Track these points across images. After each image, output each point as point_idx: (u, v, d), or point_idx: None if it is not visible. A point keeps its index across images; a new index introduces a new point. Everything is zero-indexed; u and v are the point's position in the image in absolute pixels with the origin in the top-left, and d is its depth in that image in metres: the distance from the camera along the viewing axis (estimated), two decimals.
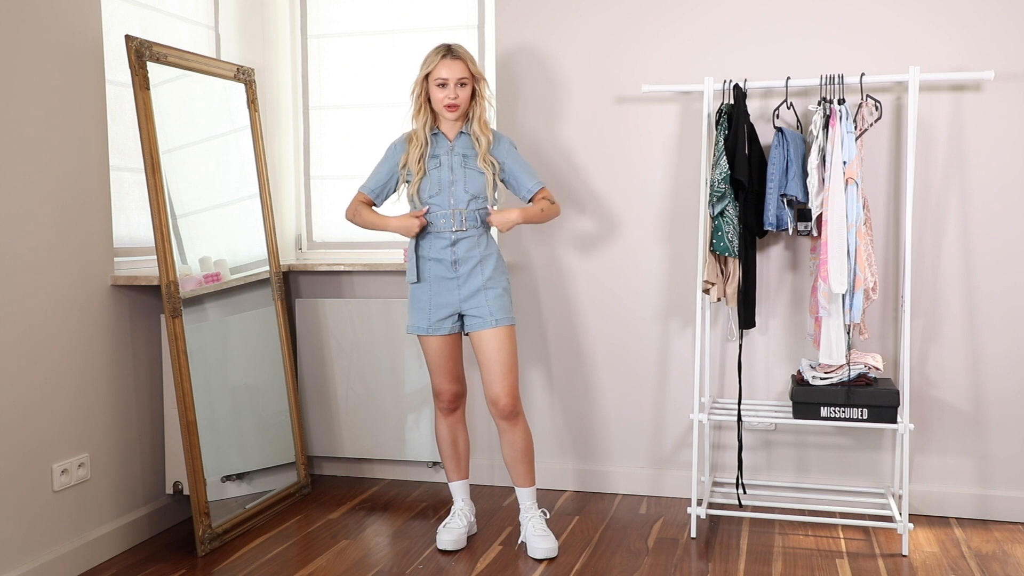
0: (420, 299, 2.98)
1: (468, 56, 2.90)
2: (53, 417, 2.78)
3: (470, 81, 2.89)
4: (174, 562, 2.94)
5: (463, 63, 2.87)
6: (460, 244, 2.92)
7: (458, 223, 2.92)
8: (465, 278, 2.93)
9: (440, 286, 2.95)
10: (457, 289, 2.94)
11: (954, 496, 3.27)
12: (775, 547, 3.00)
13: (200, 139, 3.38)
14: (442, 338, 2.99)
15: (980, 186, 3.18)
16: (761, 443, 3.45)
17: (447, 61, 2.86)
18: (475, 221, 2.93)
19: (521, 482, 3.01)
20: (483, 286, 2.93)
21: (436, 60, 2.87)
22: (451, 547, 3.00)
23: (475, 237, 2.93)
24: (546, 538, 2.95)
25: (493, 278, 2.95)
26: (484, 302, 2.92)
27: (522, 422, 2.99)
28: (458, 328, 2.99)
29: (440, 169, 2.93)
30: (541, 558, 2.92)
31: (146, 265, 3.23)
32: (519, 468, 3.00)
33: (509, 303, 2.97)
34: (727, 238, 3.01)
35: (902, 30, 3.19)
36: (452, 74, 2.85)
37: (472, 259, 2.93)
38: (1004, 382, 3.21)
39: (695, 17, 3.38)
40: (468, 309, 2.94)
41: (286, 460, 3.58)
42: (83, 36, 2.89)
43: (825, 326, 2.98)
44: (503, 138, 3.01)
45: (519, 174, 2.99)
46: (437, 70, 2.86)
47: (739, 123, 3.04)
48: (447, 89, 2.86)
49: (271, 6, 3.80)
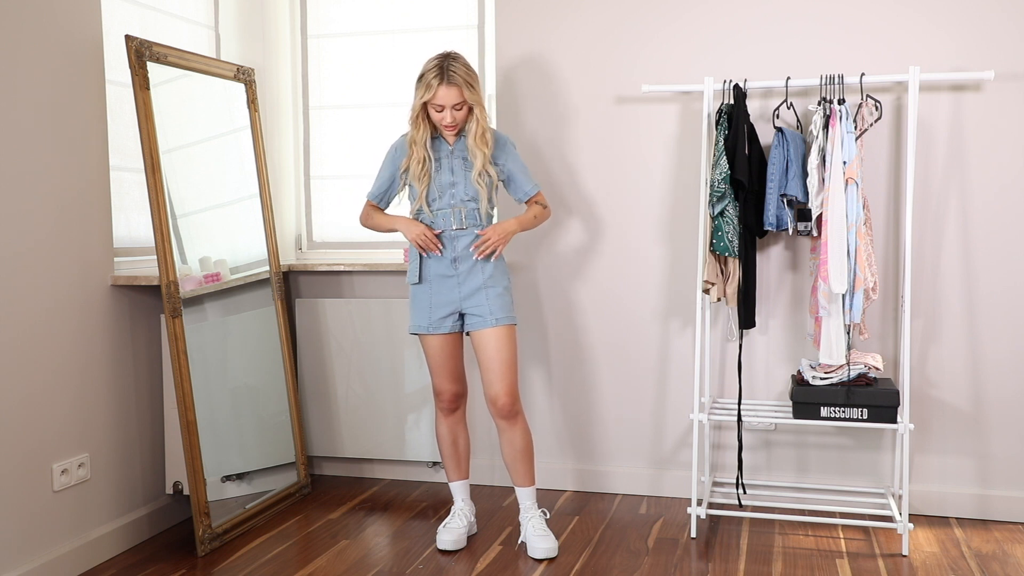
0: (421, 299, 2.99)
1: (464, 78, 2.83)
2: (53, 417, 2.78)
3: (468, 103, 2.86)
4: (174, 562, 2.94)
5: (458, 90, 2.82)
6: (459, 241, 2.93)
7: (457, 221, 2.92)
8: (465, 276, 2.93)
9: (440, 284, 2.96)
10: (457, 287, 2.94)
11: (954, 496, 3.27)
12: (775, 547, 3.00)
13: (200, 139, 3.38)
14: (442, 337, 2.98)
15: (980, 186, 3.18)
16: (761, 443, 3.45)
17: (443, 89, 2.81)
18: (474, 219, 2.93)
19: (521, 481, 3.01)
20: (483, 285, 2.93)
21: (434, 87, 2.82)
22: (451, 547, 3.00)
23: (474, 236, 2.93)
24: (546, 538, 2.95)
25: (494, 277, 2.95)
26: (484, 301, 2.92)
27: (521, 421, 2.99)
28: (459, 327, 2.99)
29: (440, 172, 2.93)
30: (541, 558, 2.92)
31: (146, 265, 3.23)
32: (518, 467, 3.00)
33: (510, 302, 2.97)
34: (727, 238, 3.01)
35: (902, 30, 3.19)
36: (448, 101, 2.83)
37: (471, 257, 2.93)
38: (1004, 382, 3.21)
39: (695, 17, 3.38)
40: (468, 308, 2.95)
41: (286, 460, 3.58)
42: (83, 36, 2.89)
43: (825, 326, 2.98)
44: (505, 139, 3.01)
45: (517, 177, 3.01)
46: (434, 97, 2.83)
47: (739, 123, 3.04)
48: (444, 113, 2.85)
49: (271, 6, 3.80)
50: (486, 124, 2.91)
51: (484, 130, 2.90)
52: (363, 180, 3.90)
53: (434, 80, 2.82)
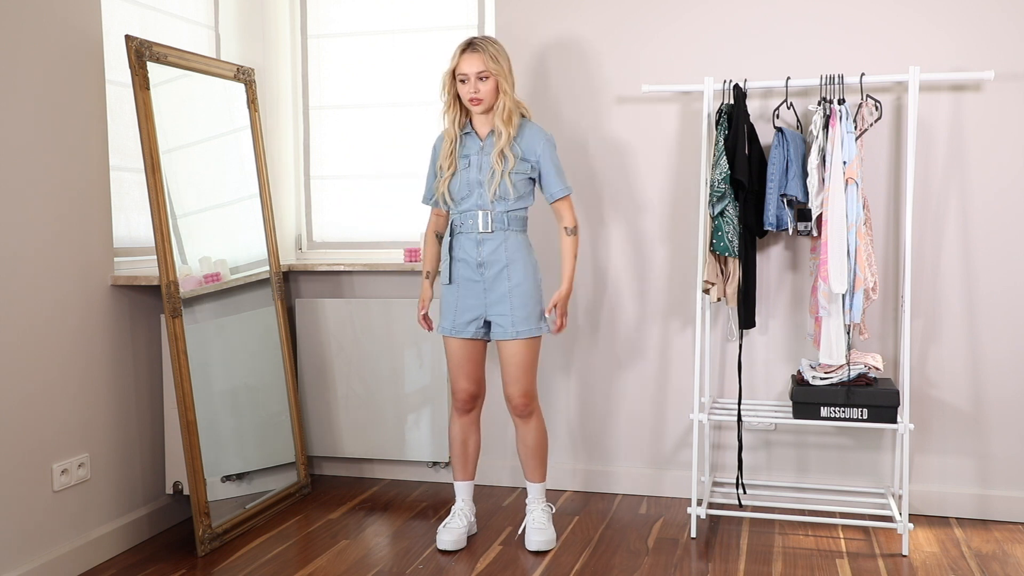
0: (449, 300, 2.98)
1: (490, 50, 2.83)
2: (53, 417, 2.78)
3: (491, 74, 2.84)
4: (174, 562, 2.94)
5: (482, 56, 2.82)
6: (485, 245, 2.90)
7: (484, 224, 2.90)
8: (491, 282, 2.91)
9: (467, 288, 2.94)
10: (484, 293, 2.92)
11: (954, 496, 3.27)
12: (775, 547, 3.00)
13: (200, 139, 3.38)
14: (464, 341, 2.98)
15: (980, 186, 3.18)
16: (761, 443, 3.45)
17: (467, 55, 2.83)
18: (502, 223, 2.89)
19: (530, 476, 3.05)
20: (508, 292, 2.90)
21: (457, 55, 2.86)
22: (451, 547, 3.00)
23: (501, 240, 2.90)
24: (542, 531, 2.97)
25: (520, 285, 2.90)
26: (508, 310, 2.89)
27: (535, 421, 3.01)
28: (482, 334, 2.97)
29: (470, 170, 2.90)
30: (534, 550, 2.94)
31: (146, 265, 3.23)
32: (529, 463, 3.04)
33: (534, 309, 2.92)
34: (727, 238, 3.01)
35: (902, 30, 3.19)
36: (471, 68, 2.83)
37: (498, 263, 2.89)
38: (1004, 382, 3.21)
39: (695, 17, 3.38)
40: (493, 316, 2.92)
41: (286, 460, 3.58)
42: (83, 36, 2.89)
43: (825, 326, 2.98)
44: (541, 136, 2.92)
45: (549, 175, 2.92)
46: (458, 65, 2.85)
47: (739, 123, 3.04)
48: (468, 84, 2.85)
49: (271, 6, 3.80)
50: (513, 106, 2.87)
51: (510, 110, 2.85)
52: (363, 180, 3.91)
53: (459, 49, 2.86)
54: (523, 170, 2.89)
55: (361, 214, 3.92)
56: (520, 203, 2.92)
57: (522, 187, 2.91)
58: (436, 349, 3.62)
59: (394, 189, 3.86)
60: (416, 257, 3.62)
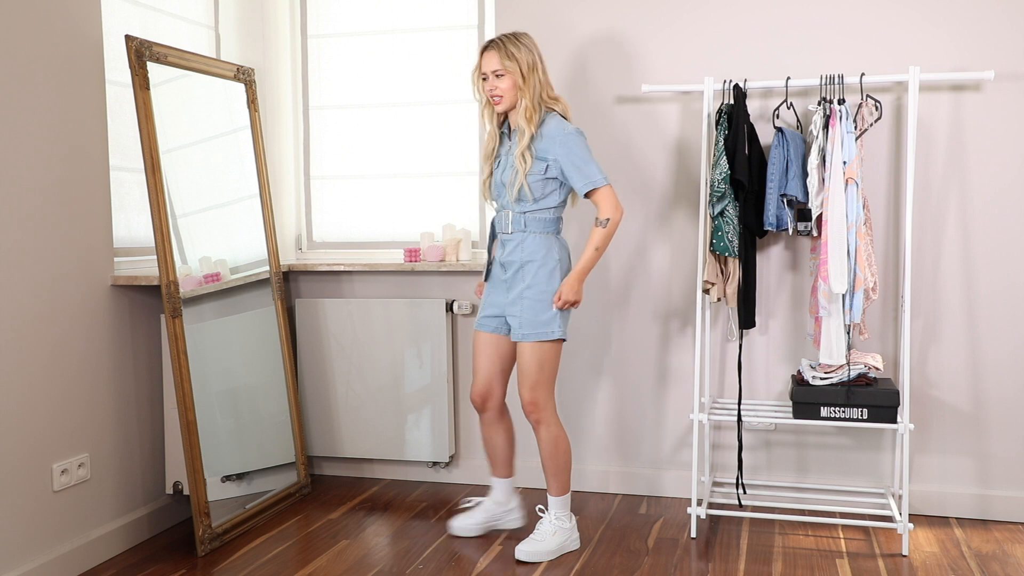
0: (484, 295, 3.03)
1: (507, 47, 2.81)
2: (53, 417, 2.78)
3: (506, 71, 2.82)
4: (174, 562, 2.94)
5: (496, 54, 2.82)
6: (506, 246, 2.92)
7: (504, 225, 2.91)
8: (511, 281, 2.91)
9: (494, 286, 2.98)
10: (506, 292, 2.93)
11: (954, 496, 3.27)
12: (775, 547, 3.00)
13: (200, 139, 3.38)
14: (484, 335, 3.00)
15: (980, 186, 3.18)
16: (761, 443, 3.45)
17: (485, 54, 2.87)
18: (520, 225, 2.88)
19: (548, 487, 2.97)
20: (521, 294, 2.88)
21: (480, 53, 2.89)
22: (456, 532, 3.08)
23: (519, 241, 2.88)
24: (532, 543, 2.91)
25: (532, 287, 2.85)
26: (519, 311, 2.88)
27: (545, 430, 2.92)
28: (504, 331, 2.97)
29: (500, 169, 2.93)
30: (517, 558, 2.89)
31: (146, 265, 3.23)
32: (545, 473, 2.96)
33: (544, 316, 2.84)
34: (727, 238, 3.01)
35: (902, 30, 3.19)
36: (488, 67, 2.86)
37: (514, 263, 2.89)
38: (1004, 382, 3.21)
39: (695, 18, 3.38)
40: (510, 315, 2.92)
41: (286, 460, 3.58)
42: (83, 36, 2.89)
43: (825, 326, 2.98)
44: (558, 133, 2.82)
45: (569, 173, 2.81)
46: (480, 63, 2.88)
47: (739, 123, 3.04)
48: (488, 82, 2.86)
49: (271, 6, 3.80)
50: (534, 103, 2.81)
51: (530, 108, 2.81)
52: (363, 180, 3.91)
53: (481, 47, 2.90)
54: (538, 171, 2.83)
55: (361, 214, 3.92)
56: (541, 204, 2.86)
57: (539, 189, 2.84)
58: (436, 349, 3.63)
59: (394, 189, 3.86)
60: (416, 257, 3.63)
